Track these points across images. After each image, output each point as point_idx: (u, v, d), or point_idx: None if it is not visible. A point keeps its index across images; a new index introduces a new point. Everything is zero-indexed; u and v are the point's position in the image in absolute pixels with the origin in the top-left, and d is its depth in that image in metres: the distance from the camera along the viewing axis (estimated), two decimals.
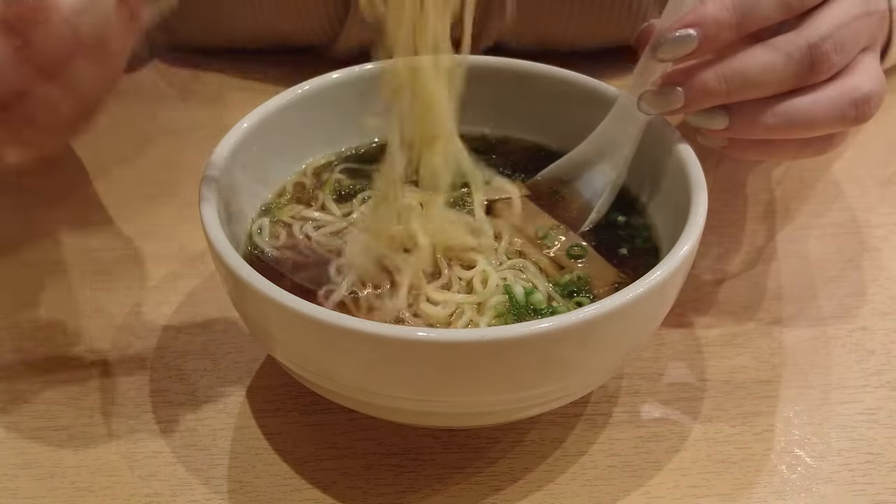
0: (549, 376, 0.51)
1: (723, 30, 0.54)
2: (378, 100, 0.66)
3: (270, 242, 0.61)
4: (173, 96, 0.88)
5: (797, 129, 0.56)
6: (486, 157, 0.68)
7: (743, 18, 0.54)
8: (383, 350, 0.48)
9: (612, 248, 0.60)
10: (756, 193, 0.77)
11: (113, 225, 0.74)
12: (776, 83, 0.55)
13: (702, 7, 0.55)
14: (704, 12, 0.54)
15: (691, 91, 0.55)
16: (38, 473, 0.58)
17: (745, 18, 0.54)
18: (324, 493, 0.57)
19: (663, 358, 0.64)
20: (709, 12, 0.54)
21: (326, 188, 0.65)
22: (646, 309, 0.52)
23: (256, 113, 0.62)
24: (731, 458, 0.58)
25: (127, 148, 0.82)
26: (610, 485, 0.57)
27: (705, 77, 0.55)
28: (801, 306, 0.67)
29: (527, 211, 0.63)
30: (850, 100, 0.55)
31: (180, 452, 0.59)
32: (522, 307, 0.56)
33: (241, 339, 0.65)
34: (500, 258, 0.59)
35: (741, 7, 0.54)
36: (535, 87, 0.66)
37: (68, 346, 0.65)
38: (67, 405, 0.61)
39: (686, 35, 0.55)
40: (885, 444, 0.59)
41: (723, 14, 0.54)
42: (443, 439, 0.59)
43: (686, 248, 0.52)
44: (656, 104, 0.57)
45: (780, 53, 0.54)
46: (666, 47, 0.55)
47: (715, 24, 0.54)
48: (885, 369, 0.63)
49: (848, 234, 0.73)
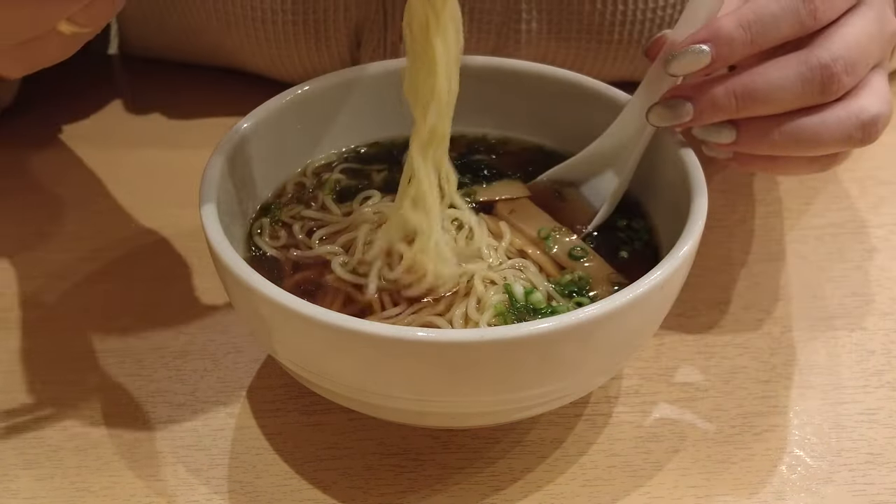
0: (549, 376, 0.51)
1: (736, 47, 0.54)
2: (378, 100, 0.67)
3: (270, 243, 0.61)
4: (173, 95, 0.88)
5: (803, 148, 0.55)
6: (486, 157, 0.68)
7: (758, 36, 0.54)
8: (383, 350, 0.48)
9: (612, 249, 0.60)
10: (756, 194, 0.77)
11: (112, 225, 0.74)
12: (786, 102, 0.54)
13: (716, 23, 0.54)
14: (719, 28, 0.54)
15: (700, 105, 0.55)
16: (38, 473, 0.58)
17: (759, 36, 0.54)
18: (324, 493, 0.57)
19: (663, 358, 0.64)
20: (723, 29, 0.54)
21: (326, 188, 0.65)
22: (646, 309, 0.52)
23: (256, 113, 0.62)
24: (731, 458, 0.58)
25: (125, 147, 0.82)
26: (610, 485, 0.57)
27: (715, 92, 0.55)
28: (801, 306, 0.67)
29: (528, 211, 0.63)
30: (857, 121, 0.55)
31: (180, 452, 0.59)
32: (522, 306, 0.56)
33: (241, 339, 0.65)
34: (499, 258, 0.59)
35: (756, 25, 0.54)
36: (536, 87, 0.66)
37: (68, 346, 0.65)
38: (67, 405, 0.61)
39: (699, 51, 0.54)
40: (885, 444, 0.59)
41: (737, 31, 0.54)
42: (443, 439, 0.59)
43: (686, 249, 0.52)
44: (665, 117, 0.57)
45: (790, 72, 0.54)
46: (678, 62, 0.55)
47: (728, 41, 0.54)
48: (885, 369, 0.63)
49: (848, 234, 0.73)
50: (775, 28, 0.54)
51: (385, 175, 0.66)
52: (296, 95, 0.64)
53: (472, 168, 0.66)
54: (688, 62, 0.55)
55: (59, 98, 0.86)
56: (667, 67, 0.56)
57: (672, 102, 0.56)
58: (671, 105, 0.56)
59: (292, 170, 0.66)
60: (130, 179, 0.79)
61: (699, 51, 0.54)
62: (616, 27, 0.77)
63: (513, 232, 0.61)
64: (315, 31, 0.78)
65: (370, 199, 0.63)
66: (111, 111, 0.87)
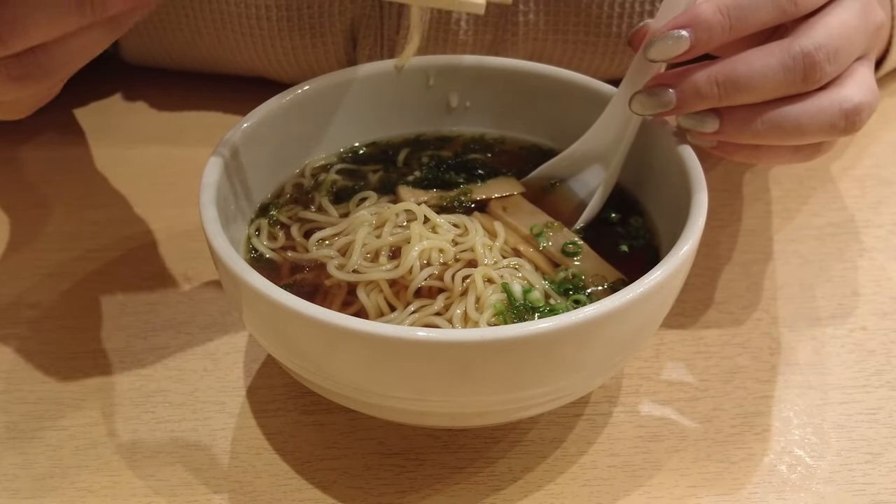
0: (549, 376, 0.51)
1: (715, 32, 0.54)
2: (376, 100, 0.67)
3: (269, 244, 0.61)
4: (173, 96, 0.88)
5: (786, 137, 0.56)
6: (483, 155, 0.68)
7: (737, 22, 0.54)
8: (383, 350, 0.48)
9: (611, 247, 0.60)
10: (755, 193, 0.77)
11: (111, 225, 0.74)
12: (768, 90, 0.54)
13: (695, 8, 0.54)
14: (697, 14, 0.54)
15: (683, 94, 0.55)
16: (38, 473, 0.58)
17: (738, 22, 0.54)
18: (324, 493, 0.57)
19: (663, 358, 0.64)
20: (702, 14, 0.54)
21: (323, 189, 0.65)
22: (646, 309, 0.52)
23: (255, 113, 0.62)
24: (730, 458, 0.58)
25: (125, 146, 0.82)
26: (610, 485, 0.57)
27: (697, 80, 0.55)
28: (801, 306, 0.67)
29: (521, 208, 0.63)
30: (840, 110, 0.55)
31: (180, 452, 0.59)
32: (521, 305, 0.56)
33: (241, 339, 0.65)
34: (495, 256, 0.59)
35: (735, 10, 0.54)
36: (534, 86, 0.66)
37: (69, 347, 0.65)
38: (67, 405, 0.61)
39: (678, 36, 0.54)
40: (885, 444, 0.59)
41: (716, 17, 0.54)
42: (443, 439, 0.59)
43: (686, 248, 0.52)
44: (647, 105, 0.57)
45: (773, 60, 0.54)
46: (657, 47, 0.55)
47: (707, 27, 0.54)
48: (885, 369, 0.63)
49: (847, 234, 0.73)
50: (755, 13, 0.54)
51: (381, 175, 0.66)
52: (295, 95, 0.64)
53: (469, 167, 0.67)
54: (667, 47, 0.55)
55: (57, 97, 0.86)
56: (646, 53, 0.56)
57: (654, 91, 0.56)
58: (653, 93, 0.56)
59: (291, 170, 0.66)
60: (130, 179, 0.79)
61: (678, 36, 0.54)
62: (614, 20, 0.77)
63: (507, 230, 0.61)
64: (310, 27, 0.78)
65: (366, 199, 0.64)
66: (110, 111, 0.87)
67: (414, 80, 0.67)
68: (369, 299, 0.57)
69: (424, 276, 0.57)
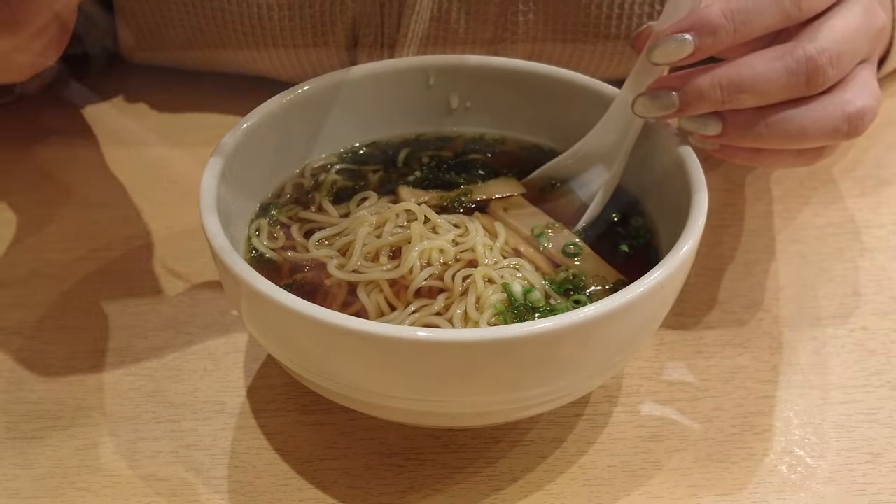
0: (549, 376, 0.51)
1: (720, 37, 0.54)
2: (376, 99, 0.67)
3: (269, 244, 0.61)
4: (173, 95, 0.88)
5: (789, 140, 0.56)
6: (483, 155, 0.68)
7: (741, 26, 0.54)
8: (384, 350, 0.48)
9: (612, 248, 0.60)
10: (756, 193, 0.77)
11: (112, 225, 0.74)
12: (771, 93, 0.54)
13: (700, 12, 0.54)
14: (701, 17, 0.54)
15: (686, 96, 0.55)
16: (38, 473, 0.58)
17: (743, 26, 0.54)
18: (324, 492, 0.57)
19: (663, 358, 0.64)
20: (706, 18, 0.54)
21: (323, 189, 0.65)
22: (646, 309, 0.52)
23: (256, 113, 0.62)
24: (731, 458, 0.58)
25: (125, 146, 0.82)
26: (610, 485, 0.57)
27: (700, 83, 0.55)
28: (801, 306, 0.67)
29: (522, 208, 0.63)
30: (843, 114, 0.55)
31: (180, 452, 0.59)
32: (521, 305, 0.56)
33: (241, 339, 0.65)
34: (495, 257, 0.59)
35: (740, 14, 0.54)
36: (535, 87, 0.66)
37: (69, 347, 0.65)
38: (67, 405, 0.61)
39: (682, 39, 0.54)
40: (885, 444, 0.59)
41: (720, 21, 0.54)
42: (443, 439, 0.59)
43: (686, 248, 0.52)
44: (650, 108, 0.57)
45: (776, 64, 0.54)
46: (661, 50, 0.55)
47: (712, 31, 0.54)
48: (885, 369, 0.63)
49: (848, 234, 0.73)
50: (759, 18, 0.54)
51: (381, 175, 0.66)
52: (295, 95, 0.64)
53: (469, 168, 0.67)
54: (670, 51, 0.55)
55: (58, 96, 0.86)
56: (650, 56, 0.56)
57: (657, 93, 0.56)
58: (656, 95, 0.56)
59: (291, 170, 0.66)
60: (131, 179, 0.78)
61: (682, 39, 0.54)
62: (613, 21, 0.77)
63: (507, 230, 0.61)
64: (312, 26, 0.78)
65: (367, 199, 0.64)
66: (111, 111, 0.87)
67: (414, 80, 0.67)
68: (369, 299, 0.57)
69: (425, 276, 0.57)
